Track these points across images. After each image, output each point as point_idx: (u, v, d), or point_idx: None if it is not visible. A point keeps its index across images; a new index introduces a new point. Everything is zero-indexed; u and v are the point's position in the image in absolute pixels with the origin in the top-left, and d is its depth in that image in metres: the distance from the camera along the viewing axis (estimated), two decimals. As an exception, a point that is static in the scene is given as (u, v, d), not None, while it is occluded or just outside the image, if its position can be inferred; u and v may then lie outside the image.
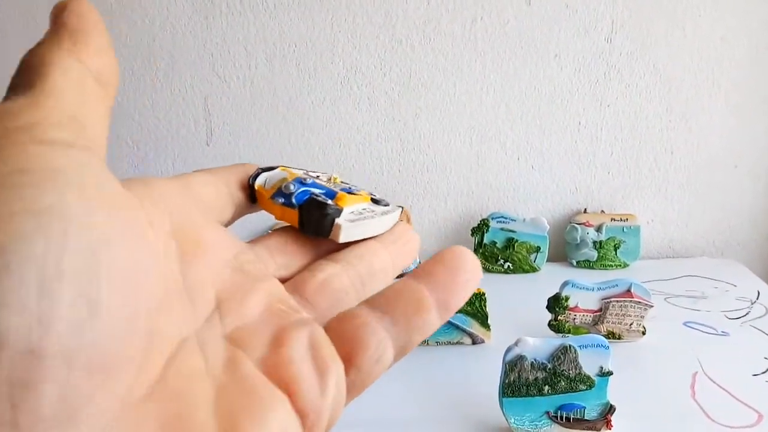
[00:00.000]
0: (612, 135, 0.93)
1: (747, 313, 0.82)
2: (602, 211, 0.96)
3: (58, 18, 0.17)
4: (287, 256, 0.22)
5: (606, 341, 0.58)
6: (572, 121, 0.92)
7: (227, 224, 0.23)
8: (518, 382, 0.58)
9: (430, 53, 0.88)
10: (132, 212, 0.16)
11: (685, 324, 0.79)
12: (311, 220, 0.22)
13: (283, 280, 0.21)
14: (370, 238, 0.23)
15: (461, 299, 0.20)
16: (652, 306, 0.73)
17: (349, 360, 0.18)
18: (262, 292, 0.20)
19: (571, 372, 0.58)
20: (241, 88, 0.89)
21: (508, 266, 0.93)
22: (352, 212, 0.23)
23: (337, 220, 0.22)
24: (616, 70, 0.90)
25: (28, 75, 0.16)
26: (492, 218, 0.93)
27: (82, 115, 0.16)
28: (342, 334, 0.18)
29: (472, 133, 0.93)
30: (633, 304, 0.73)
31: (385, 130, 0.92)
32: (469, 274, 0.20)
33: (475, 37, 0.88)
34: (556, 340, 0.58)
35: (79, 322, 0.13)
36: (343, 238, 0.22)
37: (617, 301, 0.73)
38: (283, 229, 0.23)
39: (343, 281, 0.22)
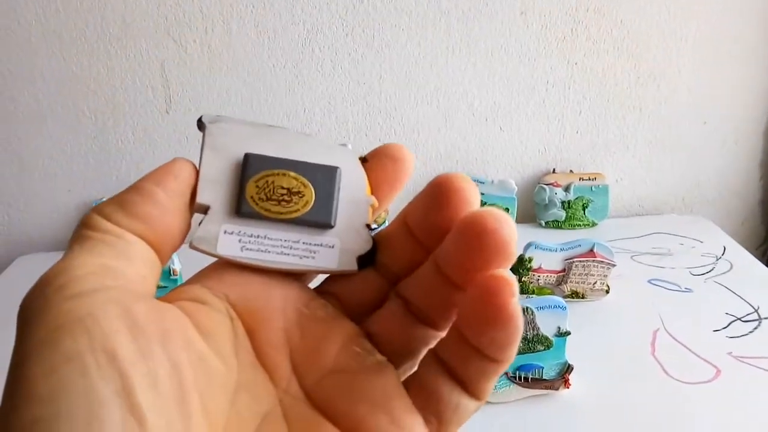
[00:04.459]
0: (580, 94, 0.92)
1: (711, 269, 0.82)
2: (571, 171, 0.96)
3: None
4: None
5: (563, 302, 0.58)
6: (540, 80, 0.91)
7: None
8: (477, 344, 0.58)
9: (393, 12, 0.86)
10: (163, 324, 0.18)
11: (649, 281, 0.79)
12: None
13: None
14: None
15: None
16: (614, 265, 0.73)
17: (426, 409, 0.19)
18: (336, 338, 0.20)
19: (528, 333, 0.58)
20: (199, 52, 0.86)
21: (477, 229, 0.92)
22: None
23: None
24: (584, 27, 0.88)
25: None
26: (460, 181, 0.92)
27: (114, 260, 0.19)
28: (417, 384, 0.20)
29: (438, 95, 0.91)
30: (596, 264, 0.73)
31: (350, 94, 0.90)
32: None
33: (439, -6, 0.85)
34: (514, 303, 0.58)
35: None
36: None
37: (580, 261, 0.73)
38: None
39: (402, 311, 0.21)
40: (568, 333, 0.59)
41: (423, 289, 0.20)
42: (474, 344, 0.18)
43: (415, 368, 0.20)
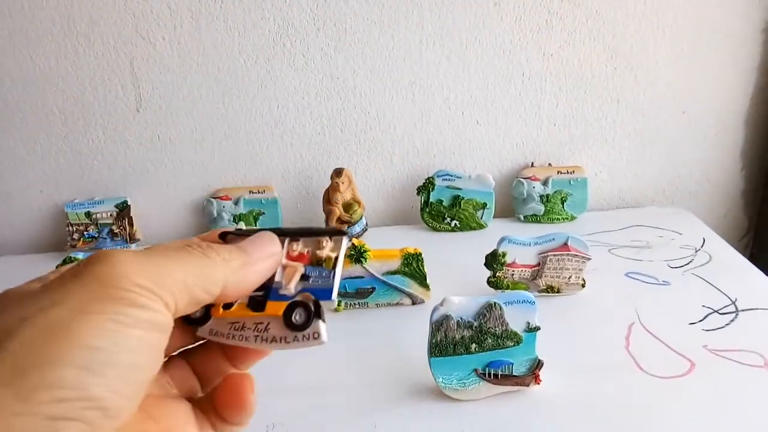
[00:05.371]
0: (556, 86, 0.91)
1: (690, 261, 0.81)
2: (549, 164, 0.95)
3: None
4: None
5: (532, 297, 0.57)
6: (516, 72, 0.90)
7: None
8: (445, 341, 0.57)
9: (365, 5, 0.85)
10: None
11: (626, 275, 0.78)
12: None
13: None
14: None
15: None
16: (589, 258, 0.72)
17: None
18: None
19: (497, 329, 0.57)
20: (168, 49, 0.85)
21: (455, 224, 0.91)
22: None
23: None
24: (558, 17, 0.87)
25: None
26: (437, 176, 0.91)
27: None
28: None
29: (414, 89, 0.90)
30: (570, 258, 0.72)
31: (324, 89, 0.89)
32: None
33: (411, -14, 0.84)
34: (482, 298, 0.57)
35: None
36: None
37: (554, 255, 0.72)
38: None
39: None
40: (537, 328, 0.57)
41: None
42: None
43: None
